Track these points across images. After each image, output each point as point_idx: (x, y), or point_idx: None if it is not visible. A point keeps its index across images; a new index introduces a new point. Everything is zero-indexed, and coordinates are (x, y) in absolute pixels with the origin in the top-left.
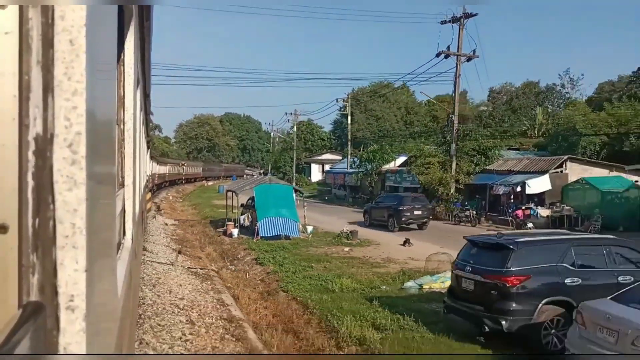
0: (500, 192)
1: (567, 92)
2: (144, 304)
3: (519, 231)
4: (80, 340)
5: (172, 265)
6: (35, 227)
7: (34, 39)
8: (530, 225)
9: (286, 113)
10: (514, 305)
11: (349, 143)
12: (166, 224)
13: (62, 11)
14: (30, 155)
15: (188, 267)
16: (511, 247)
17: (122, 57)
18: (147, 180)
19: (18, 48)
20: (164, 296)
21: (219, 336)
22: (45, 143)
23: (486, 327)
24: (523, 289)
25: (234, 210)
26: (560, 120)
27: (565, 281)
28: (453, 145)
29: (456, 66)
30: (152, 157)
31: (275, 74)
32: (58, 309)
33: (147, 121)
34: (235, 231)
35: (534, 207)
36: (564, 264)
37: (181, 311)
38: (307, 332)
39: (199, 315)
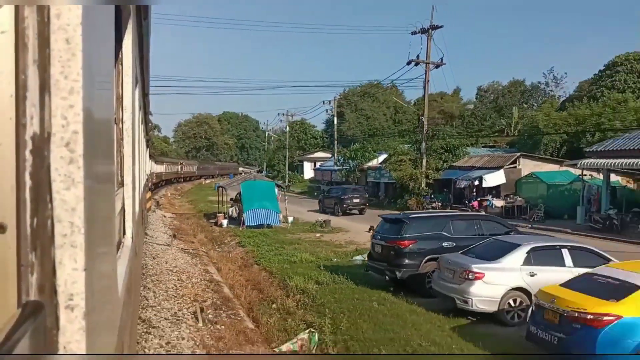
0: (462, 186)
1: (551, 90)
2: (146, 268)
3: (419, 211)
4: (80, 339)
5: (169, 246)
6: (34, 227)
7: (30, 38)
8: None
9: (279, 114)
10: (406, 261)
11: (335, 142)
12: (164, 216)
13: (58, 10)
14: (28, 155)
15: (182, 248)
16: (405, 221)
17: (120, 56)
18: (147, 179)
19: (14, 47)
20: (161, 265)
21: (201, 289)
22: (42, 142)
23: (387, 276)
24: (412, 249)
25: (225, 205)
26: (526, 120)
27: (443, 244)
28: (423, 144)
29: (425, 73)
30: (150, 157)
31: (264, 82)
32: (57, 308)
33: (146, 120)
34: (224, 222)
35: (490, 199)
36: (443, 232)
37: (174, 274)
38: (268, 288)
39: (187, 277)
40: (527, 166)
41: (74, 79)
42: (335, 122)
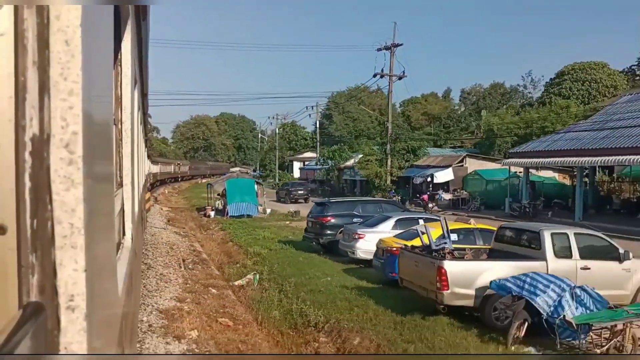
0: (418, 182)
1: (529, 93)
2: (146, 242)
3: (340, 197)
4: (81, 339)
5: (164, 229)
6: (34, 228)
7: (30, 40)
8: (430, 205)
9: (269, 117)
10: (327, 231)
11: (318, 144)
12: (162, 209)
13: (57, 11)
14: (27, 156)
15: (174, 231)
16: (327, 204)
17: (119, 56)
18: (146, 180)
19: (13, 49)
20: (158, 240)
21: (186, 255)
22: (41, 143)
23: (314, 243)
24: (331, 223)
25: (214, 199)
26: (482, 122)
27: (353, 220)
28: (388, 146)
29: (389, 84)
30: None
31: (249, 93)
32: (58, 309)
33: (145, 121)
34: (212, 213)
35: (441, 193)
36: (354, 212)
37: (167, 245)
38: (235, 255)
39: (177, 247)
40: (472, 165)
41: (73, 81)
42: (317, 125)
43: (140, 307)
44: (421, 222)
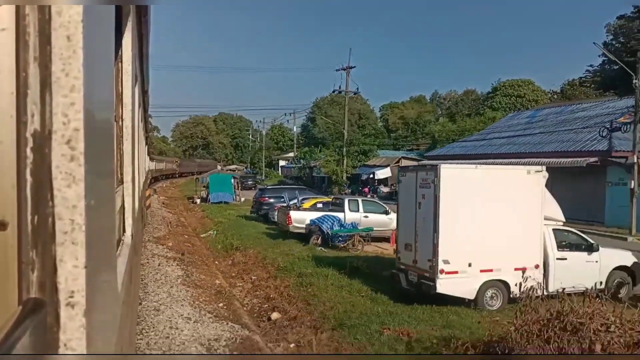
0: (364, 178)
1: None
2: (146, 216)
3: (276, 185)
4: (81, 336)
5: (160, 209)
6: (35, 224)
7: (31, 35)
8: (369, 196)
9: (256, 121)
10: (264, 207)
11: (294, 146)
12: (159, 197)
13: (58, 7)
14: (29, 152)
15: (167, 210)
16: (265, 189)
17: (120, 53)
18: (147, 177)
19: (15, 44)
20: (155, 214)
21: (174, 223)
22: (43, 139)
23: (256, 214)
24: (269, 202)
25: (200, 190)
26: (428, 129)
27: (281, 200)
28: (344, 149)
29: (345, 99)
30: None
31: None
32: (58, 306)
33: (145, 118)
34: (198, 200)
35: (382, 187)
36: (281, 195)
37: (161, 218)
38: (207, 224)
39: (168, 219)
40: (407, 164)
41: (74, 77)
42: (295, 130)
43: (143, 239)
44: (345, 202)
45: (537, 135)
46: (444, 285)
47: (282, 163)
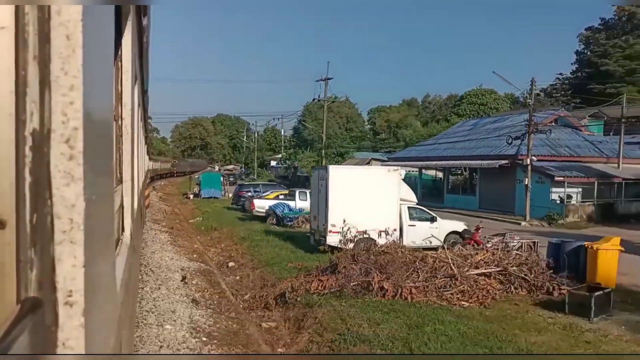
0: None
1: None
2: (145, 214)
3: (253, 182)
4: (79, 335)
5: (157, 202)
6: (33, 223)
7: (30, 34)
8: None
9: (249, 123)
10: (241, 199)
11: (282, 147)
12: (157, 194)
13: (58, 6)
14: (27, 151)
15: (163, 204)
16: (242, 185)
17: (119, 52)
18: (146, 176)
19: (14, 43)
20: (154, 206)
21: (169, 212)
22: (42, 138)
23: (235, 205)
24: (243, 195)
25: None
26: (400, 133)
27: (254, 193)
28: (323, 151)
29: (324, 107)
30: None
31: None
32: (56, 305)
33: (145, 117)
34: (191, 195)
35: None
36: (256, 190)
37: (157, 208)
38: (196, 213)
39: (164, 210)
40: (376, 165)
41: (74, 76)
42: (283, 132)
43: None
44: (296, 193)
45: (474, 141)
46: (330, 239)
47: (272, 163)
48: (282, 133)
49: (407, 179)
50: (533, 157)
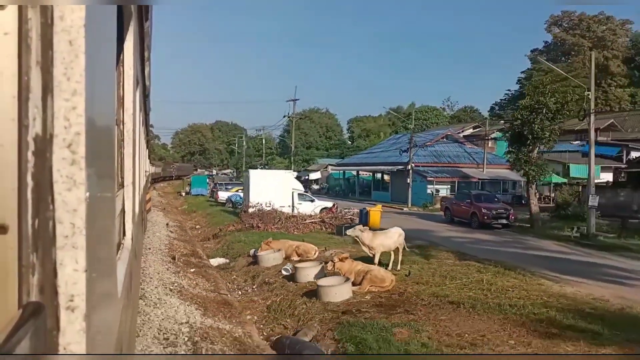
0: (302, 179)
1: (447, 114)
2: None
3: (233, 182)
4: (80, 340)
5: (157, 197)
6: (35, 227)
7: (33, 40)
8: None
9: (246, 130)
10: (220, 194)
11: (263, 155)
12: (157, 192)
13: (61, 11)
14: (30, 156)
15: (161, 199)
16: (216, 183)
17: (121, 57)
18: (147, 180)
19: (17, 48)
20: (153, 200)
21: (164, 203)
22: (44, 143)
23: (212, 199)
24: (221, 188)
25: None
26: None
27: (215, 188)
28: (292, 157)
29: (291, 123)
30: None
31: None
32: (58, 309)
33: (146, 122)
34: (183, 193)
35: (313, 185)
36: (226, 186)
37: (157, 202)
38: (184, 206)
39: (161, 202)
40: (331, 169)
41: (76, 81)
42: (264, 142)
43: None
44: (236, 187)
45: (388, 152)
46: (250, 211)
47: (259, 168)
48: (263, 142)
49: (348, 179)
50: (413, 164)
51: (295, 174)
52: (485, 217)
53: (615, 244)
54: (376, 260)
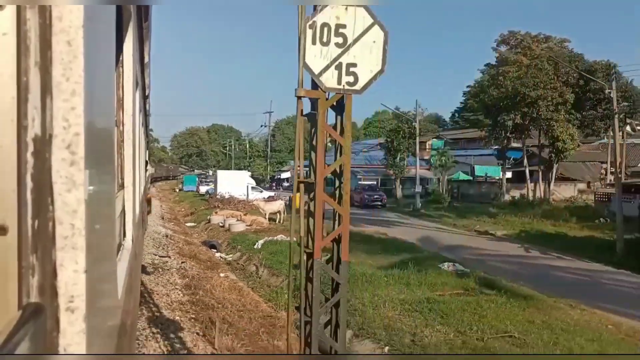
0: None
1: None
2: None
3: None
4: (80, 341)
5: (155, 193)
6: (35, 228)
7: (32, 40)
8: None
9: (242, 132)
10: (202, 189)
11: (247, 157)
12: (156, 190)
13: (59, 12)
14: (29, 157)
15: (158, 194)
16: (201, 179)
17: (120, 58)
18: (147, 181)
19: (16, 49)
20: (154, 194)
21: (160, 196)
22: (43, 144)
23: (198, 193)
24: (203, 187)
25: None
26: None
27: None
28: (268, 160)
29: (268, 133)
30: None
31: None
32: (58, 310)
33: (146, 123)
34: (177, 189)
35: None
36: (209, 182)
37: (154, 195)
38: (176, 197)
39: (159, 195)
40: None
41: (75, 81)
42: (248, 147)
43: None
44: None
45: (359, 155)
46: (216, 197)
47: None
48: (247, 147)
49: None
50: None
51: (249, 173)
52: (366, 201)
53: (429, 214)
54: (266, 216)
